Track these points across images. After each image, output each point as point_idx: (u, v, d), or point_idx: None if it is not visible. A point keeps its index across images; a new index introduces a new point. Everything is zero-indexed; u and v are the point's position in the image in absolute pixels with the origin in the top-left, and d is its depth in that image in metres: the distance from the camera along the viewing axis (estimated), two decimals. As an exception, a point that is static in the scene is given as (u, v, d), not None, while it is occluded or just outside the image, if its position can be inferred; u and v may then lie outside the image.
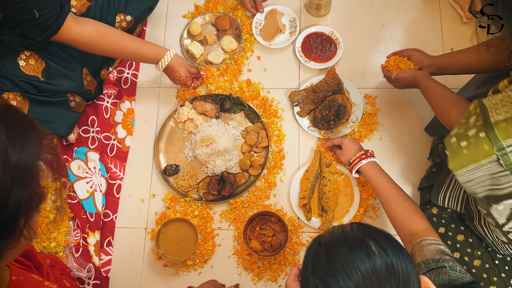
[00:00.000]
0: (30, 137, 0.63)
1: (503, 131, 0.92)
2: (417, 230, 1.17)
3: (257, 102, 1.65)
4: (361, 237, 0.77)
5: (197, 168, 1.61)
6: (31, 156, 0.62)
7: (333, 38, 1.69)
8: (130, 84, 1.71)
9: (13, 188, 0.60)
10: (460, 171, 1.02)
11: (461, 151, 0.99)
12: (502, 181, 0.98)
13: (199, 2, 1.81)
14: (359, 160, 1.41)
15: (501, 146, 0.93)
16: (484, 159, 0.97)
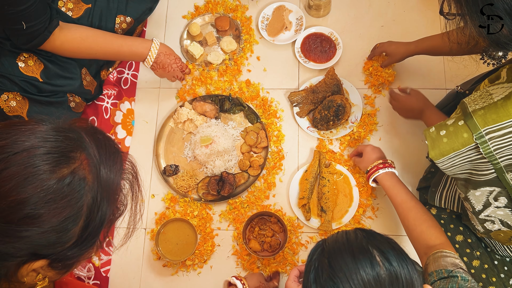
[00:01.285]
0: (116, 157, 0.69)
1: (481, 118, 0.94)
2: (434, 243, 1.16)
3: (256, 102, 1.66)
4: (365, 246, 0.76)
5: (197, 168, 1.61)
6: (117, 175, 0.68)
7: (332, 39, 1.70)
8: (130, 85, 1.71)
9: (101, 203, 0.66)
10: (441, 159, 1.05)
11: (441, 140, 1.02)
12: (481, 167, 1.00)
13: (199, 3, 1.82)
14: (377, 169, 1.39)
15: (480, 134, 0.95)
16: (463, 147, 0.99)
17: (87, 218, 0.65)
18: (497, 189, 1.06)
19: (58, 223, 0.62)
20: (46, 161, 0.61)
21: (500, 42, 0.81)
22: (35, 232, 0.61)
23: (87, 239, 0.66)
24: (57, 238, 0.63)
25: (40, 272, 0.66)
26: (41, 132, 0.64)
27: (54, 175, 0.62)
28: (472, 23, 0.80)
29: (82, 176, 0.64)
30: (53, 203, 0.61)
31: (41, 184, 0.60)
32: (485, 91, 0.98)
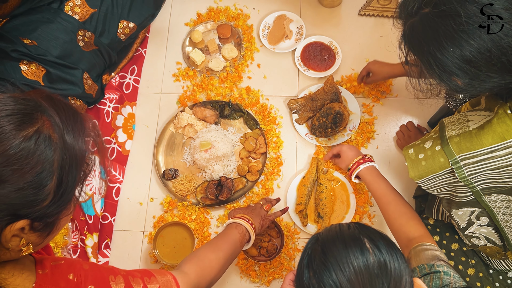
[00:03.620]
0: (76, 117, 0.73)
1: (456, 145, 1.00)
2: (414, 236, 1.18)
3: (256, 109, 1.68)
4: (357, 235, 0.79)
5: (196, 172, 1.63)
6: (80, 133, 0.72)
7: (332, 48, 1.73)
8: (132, 89, 1.74)
9: (70, 160, 0.70)
10: (420, 180, 1.11)
11: (419, 162, 1.08)
12: (460, 190, 1.06)
13: (202, 10, 1.85)
14: (357, 165, 1.42)
15: (455, 160, 1.01)
16: (440, 170, 1.06)
17: (59, 174, 0.69)
18: (478, 209, 1.11)
19: (31, 178, 0.65)
20: (9, 122, 0.66)
21: (458, 89, 0.91)
22: (10, 189, 0.64)
23: (63, 195, 0.70)
24: (34, 195, 0.66)
25: (23, 237, 0.69)
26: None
27: (20, 134, 0.65)
28: (432, 76, 0.93)
29: (47, 134, 0.68)
30: (23, 160, 0.64)
31: (8, 143, 0.64)
32: (463, 115, 1.04)
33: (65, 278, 0.77)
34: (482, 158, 0.96)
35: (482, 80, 0.86)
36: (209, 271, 1.06)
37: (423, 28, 0.88)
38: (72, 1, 1.51)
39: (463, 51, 0.83)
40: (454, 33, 0.83)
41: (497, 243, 1.17)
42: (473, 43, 0.82)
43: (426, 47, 0.88)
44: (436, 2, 0.85)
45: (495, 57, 0.82)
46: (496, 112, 0.94)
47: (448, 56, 0.85)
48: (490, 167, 0.97)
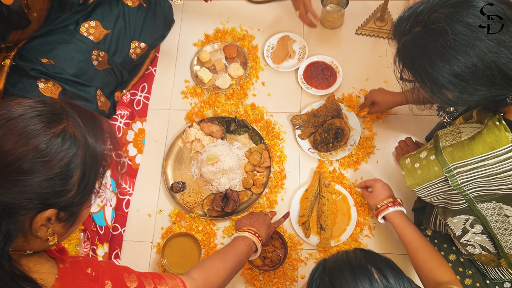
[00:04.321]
0: (95, 120, 0.81)
1: (449, 155, 1.06)
2: (443, 280, 1.21)
3: (260, 124, 1.75)
4: (364, 264, 0.82)
5: (203, 185, 1.69)
6: (99, 133, 0.81)
7: (333, 67, 1.81)
8: (142, 106, 1.82)
9: (92, 156, 0.79)
10: (416, 188, 1.17)
11: (415, 171, 1.15)
12: (454, 198, 1.12)
13: (209, 31, 1.95)
14: (387, 207, 1.43)
15: (448, 169, 1.07)
16: (435, 178, 1.12)
17: (82, 168, 0.77)
18: (472, 217, 1.17)
19: (59, 170, 0.74)
20: (40, 121, 0.75)
21: (449, 102, 0.99)
22: (41, 179, 0.72)
23: (86, 187, 0.79)
24: (61, 185, 0.75)
25: (50, 226, 0.77)
26: (28, 103, 0.77)
27: (49, 131, 0.74)
28: (424, 90, 1.00)
29: (72, 133, 0.77)
30: (53, 154, 0.73)
31: (40, 139, 0.73)
32: (456, 127, 1.10)
33: (84, 272, 0.83)
34: (473, 167, 1.03)
35: (470, 93, 0.94)
36: (216, 279, 1.12)
37: (415, 45, 0.96)
38: (88, 23, 1.60)
39: (451, 65, 0.91)
40: (443, 49, 0.90)
41: (491, 251, 1.22)
42: (460, 58, 0.89)
43: (418, 62, 0.96)
44: (426, 22, 0.93)
45: (480, 71, 0.89)
46: (486, 124, 1.01)
47: (438, 71, 0.93)
48: (481, 175, 1.03)
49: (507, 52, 0.88)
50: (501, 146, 0.98)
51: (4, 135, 0.71)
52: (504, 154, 0.98)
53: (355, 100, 1.76)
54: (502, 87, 0.92)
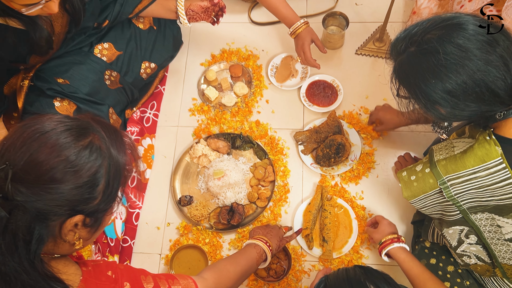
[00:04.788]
0: (117, 134, 0.89)
1: (443, 168, 1.13)
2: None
3: (265, 140, 1.83)
4: (363, 281, 0.89)
5: (209, 199, 1.76)
6: (121, 146, 0.88)
7: (334, 86, 1.89)
8: (151, 123, 1.90)
9: (116, 167, 0.86)
10: (413, 200, 1.24)
11: (412, 183, 1.21)
12: (448, 209, 1.18)
13: (215, 52, 2.04)
14: (391, 242, 1.44)
15: (443, 181, 1.14)
16: (430, 190, 1.18)
17: (107, 177, 0.84)
18: (466, 228, 1.22)
19: (87, 179, 0.81)
20: (69, 135, 0.82)
21: (442, 117, 1.06)
22: (71, 187, 0.79)
23: (110, 195, 0.86)
24: (88, 193, 0.82)
25: (76, 232, 0.84)
26: (58, 118, 0.85)
27: (78, 144, 0.82)
28: (419, 106, 1.08)
29: (98, 145, 0.84)
30: (82, 164, 0.81)
31: (70, 151, 0.80)
32: (450, 142, 1.17)
33: (105, 274, 0.90)
34: (466, 179, 1.09)
35: (462, 108, 1.01)
36: (226, 281, 1.18)
37: (410, 63, 1.04)
38: (101, 44, 1.69)
39: (443, 83, 0.98)
40: (435, 68, 0.98)
41: (486, 261, 1.27)
42: (451, 76, 0.97)
43: (413, 79, 1.03)
44: (420, 42, 1.01)
45: (470, 88, 0.97)
46: (477, 139, 1.08)
47: (431, 88, 1.00)
48: (474, 186, 1.09)
49: (494, 71, 0.95)
50: (491, 159, 1.04)
51: (38, 147, 0.79)
52: (494, 167, 1.04)
53: (356, 117, 1.83)
54: (491, 103, 0.99)
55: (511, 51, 0.96)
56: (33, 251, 0.79)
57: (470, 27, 0.97)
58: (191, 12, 1.65)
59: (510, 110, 1.02)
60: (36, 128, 0.81)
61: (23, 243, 0.78)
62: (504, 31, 0.98)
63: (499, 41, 0.96)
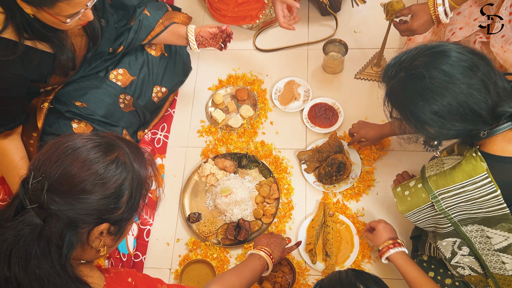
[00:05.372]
0: (139, 151, 0.98)
1: (434, 183, 1.22)
2: None
3: (269, 160, 1.92)
4: (353, 281, 0.99)
5: (217, 216, 1.84)
6: (142, 162, 0.97)
7: (335, 108, 1.99)
8: (162, 144, 2.01)
9: (138, 180, 0.95)
10: (407, 214, 1.32)
11: (406, 198, 1.30)
12: (441, 222, 1.26)
13: (222, 77, 2.16)
14: (388, 249, 1.50)
15: (434, 195, 1.23)
16: (423, 204, 1.27)
17: (130, 189, 0.93)
18: (458, 240, 1.31)
19: (113, 190, 0.90)
20: (98, 151, 0.91)
21: (431, 136, 1.16)
22: (99, 197, 0.88)
23: (133, 205, 0.95)
24: (114, 203, 0.91)
25: (102, 239, 0.93)
26: (87, 136, 0.94)
27: (106, 159, 0.91)
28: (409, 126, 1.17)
29: (123, 160, 0.93)
30: (109, 177, 0.90)
31: (98, 165, 0.89)
32: (440, 160, 1.26)
33: (126, 280, 0.98)
34: (455, 193, 1.18)
35: (448, 128, 1.10)
36: None
37: (400, 87, 1.14)
38: (116, 70, 1.80)
39: (430, 104, 1.08)
40: (422, 91, 1.08)
41: (479, 272, 1.34)
42: (437, 98, 1.07)
43: (403, 102, 1.14)
44: (408, 68, 1.12)
45: (455, 109, 1.07)
46: (464, 155, 1.18)
47: (420, 109, 1.10)
48: (463, 199, 1.18)
49: (475, 93, 1.05)
50: (478, 174, 1.13)
51: (71, 162, 0.88)
52: (481, 181, 1.13)
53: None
54: (474, 122, 1.09)
55: (490, 76, 1.06)
56: (64, 256, 0.87)
57: (453, 54, 1.07)
58: (200, 38, 1.77)
59: (493, 129, 1.11)
60: (69, 144, 0.91)
61: (55, 248, 0.86)
62: (484, 57, 1.09)
63: (479, 67, 1.06)
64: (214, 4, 2.20)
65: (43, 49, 1.46)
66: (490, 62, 1.09)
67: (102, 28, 1.61)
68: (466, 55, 1.08)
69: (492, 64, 1.09)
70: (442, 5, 1.56)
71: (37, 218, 0.85)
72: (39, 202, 0.86)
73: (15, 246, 0.84)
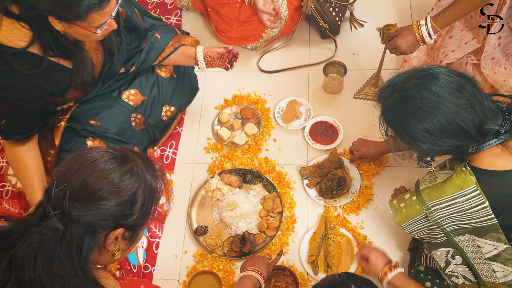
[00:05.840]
0: (150, 163, 1.07)
1: (427, 195, 1.31)
2: None
3: (273, 175, 2.01)
4: (346, 282, 1.08)
5: (223, 229, 1.93)
6: (153, 173, 1.06)
7: (335, 126, 2.09)
8: (170, 160, 2.10)
9: (150, 189, 1.04)
10: (403, 225, 1.41)
11: (401, 210, 1.39)
12: (435, 232, 1.35)
13: (228, 97, 2.26)
14: (386, 275, 1.52)
15: (427, 206, 1.32)
16: (417, 215, 1.36)
17: (143, 197, 1.01)
18: (452, 249, 1.39)
19: (128, 198, 0.98)
20: (114, 162, 1.00)
21: (424, 152, 1.25)
22: (115, 204, 0.97)
23: (145, 212, 1.03)
24: (129, 209, 0.99)
25: (117, 244, 1.01)
26: (102, 149, 1.03)
27: (121, 169, 0.99)
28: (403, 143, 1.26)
29: (136, 171, 1.01)
30: (124, 185, 0.98)
31: (115, 175, 0.98)
32: (433, 174, 1.36)
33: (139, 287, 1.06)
34: (447, 204, 1.27)
35: (439, 144, 1.20)
36: None
37: (394, 107, 1.24)
38: (128, 91, 1.90)
39: (422, 123, 1.18)
40: (414, 110, 1.18)
41: (472, 280, 1.42)
42: (428, 117, 1.17)
43: (397, 121, 1.23)
44: (400, 89, 1.22)
45: (444, 126, 1.16)
46: (455, 170, 1.27)
47: (412, 127, 1.19)
48: (454, 211, 1.27)
49: (463, 112, 1.15)
50: (467, 187, 1.23)
51: (90, 172, 0.97)
52: (470, 193, 1.23)
53: (355, 154, 2.03)
54: (463, 139, 1.18)
55: (476, 96, 1.16)
56: (83, 258, 0.95)
57: (442, 76, 1.18)
58: (208, 57, 1.87)
59: (480, 145, 1.21)
60: (88, 156, 1.00)
61: (76, 251, 0.95)
62: (470, 79, 1.19)
63: (466, 88, 1.16)
64: (219, 26, 2.33)
65: (65, 65, 1.57)
66: (476, 84, 1.19)
67: (118, 43, 1.72)
68: (453, 77, 1.18)
69: (478, 85, 1.20)
70: (425, 26, 1.68)
71: (60, 224, 0.93)
72: (61, 209, 0.94)
73: (40, 249, 0.92)
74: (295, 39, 2.39)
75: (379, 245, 1.80)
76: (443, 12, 1.67)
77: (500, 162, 1.21)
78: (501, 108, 1.23)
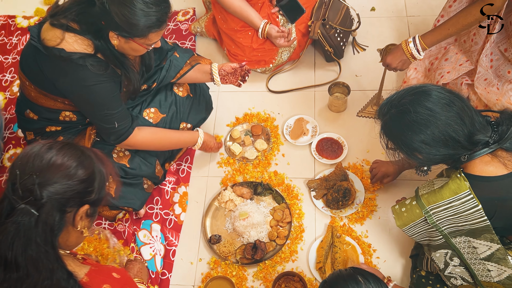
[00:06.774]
0: (105, 161, 1.21)
1: (426, 200, 1.43)
2: None
3: (282, 187, 2.14)
4: (353, 274, 1.19)
5: (235, 238, 2.04)
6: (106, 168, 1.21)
7: (339, 142, 2.23)
8: (186, 174, 2.23)
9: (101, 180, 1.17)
10: (404, 228, 1.53)
11: (402, 214, 1.51)
12: (433, 234, 1.47)
13: (239, 115, 2.41)
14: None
15: (426, 210, 1.44)
16: (417, 219, 1.48)
17: (98, 181, 1.15)
18: (450, 251, 1.50)
19: (89, 174, 1.12)
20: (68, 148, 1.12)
21: (421, 162, 1.37)
22: (79, 180, 1.09)
23: (101, 191, 1.17)
24: (90, 186, 1.12)
25: (83, 222, 1.14)
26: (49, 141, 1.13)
27: (77, 151, 1.13)
28: (402, 153, 1.39)
29: (87, 153, 1.15)
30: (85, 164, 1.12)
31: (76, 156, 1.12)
32: (431, 181, 1.49)
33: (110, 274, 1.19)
34: (444, 208, 1.40)
35: (434, 153, 1.34)
36: None
37: (392, 122, 1.38)
38: (148, 109, 2.03)
39: (417, 134, 1.32)
40: (410, 123, 1.32)
41: (469, 281, 1.53)
42: (422, 128, 1.31)
43: (395, 133, 1.38)
44: (397, 105, 1.36)
45: (437, 137, 1.30)
46: (451, 176, 1.40)
47: (409, 138, 1.34)
48: (451, 213, 1.39)
49: (453, 123, 1.30)
50: (462, 191, 1.36)
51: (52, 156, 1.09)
52: (465, 197, 1.36)
53: (360, 167, 2.15)
54: (455, 148, 1.32)
55: (465, 110, 1.31)
56: (55, 235, 1.06)
57: (434, 93, 1.33)
58: (223, 71, 2.04)
59: (472, 154, 1.35)
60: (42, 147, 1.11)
61: (50, 230, 1.05)
62: (459, 96, 1.34)
63: (455, 103, 1.31)
64: (232, 50, 2.49)
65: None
66: (465, 100, 1.34)
67: (154, 59, 1.90)
68: (444, 94, 1.33)
69: (467, 101, 1.34)
70: (412, 43, 1.84)
71: (32, 209, 1.02)
72: (32, 195, 1.02)
73: (17, 235, 1.01)
74: (301, 62, 2.55)
75: (383, 253, 1.93)
76: (432, 32, 1.84)
77: (491, 168, 1.34)
78: (490, 122, 1.38)
